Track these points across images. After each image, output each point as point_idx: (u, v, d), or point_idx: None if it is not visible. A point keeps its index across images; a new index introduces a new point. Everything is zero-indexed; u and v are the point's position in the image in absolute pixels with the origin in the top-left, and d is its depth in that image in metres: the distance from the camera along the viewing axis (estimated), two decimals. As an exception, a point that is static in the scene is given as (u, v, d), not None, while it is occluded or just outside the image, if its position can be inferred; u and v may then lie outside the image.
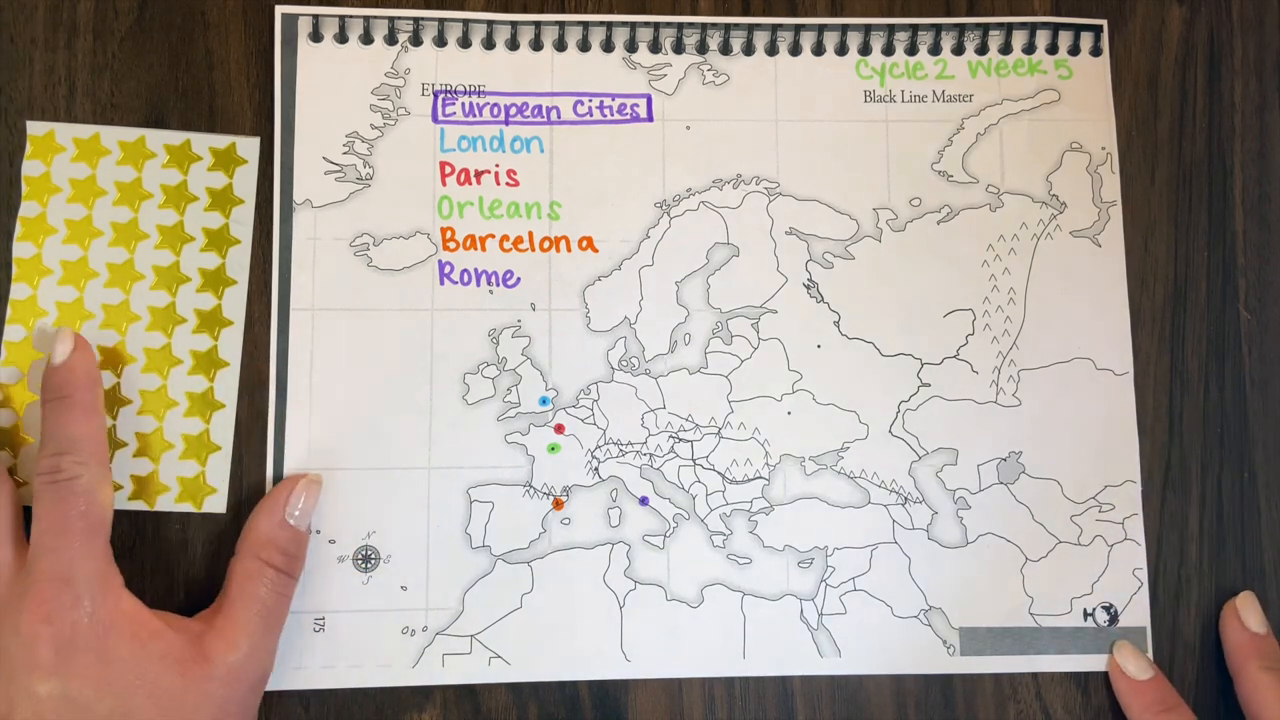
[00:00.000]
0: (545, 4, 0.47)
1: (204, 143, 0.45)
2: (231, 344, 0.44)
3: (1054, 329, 0.46)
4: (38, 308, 0.44)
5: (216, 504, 0.44)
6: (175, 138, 0.45)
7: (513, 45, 0.46)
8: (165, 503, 0.44)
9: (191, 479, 0.44)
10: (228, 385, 0.44)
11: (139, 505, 0.43)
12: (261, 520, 0.42)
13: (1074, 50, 0.48)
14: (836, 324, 0.46)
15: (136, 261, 0.44)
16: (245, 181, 0.45)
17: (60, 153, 0.45)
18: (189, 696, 0.38)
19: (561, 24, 0.46)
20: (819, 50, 0.47)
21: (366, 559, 0.44)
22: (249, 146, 0.45)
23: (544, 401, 0.45)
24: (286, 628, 0.42)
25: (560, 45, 0.46)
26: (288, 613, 0.42)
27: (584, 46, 0.47)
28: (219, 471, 0.44)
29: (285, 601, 0.41)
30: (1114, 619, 0.45)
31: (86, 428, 0.40)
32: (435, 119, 0.46)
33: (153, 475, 0.44)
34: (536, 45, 0.46)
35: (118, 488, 0.43)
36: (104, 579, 0.38)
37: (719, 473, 0.45)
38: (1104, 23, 0.48)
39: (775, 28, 0.47)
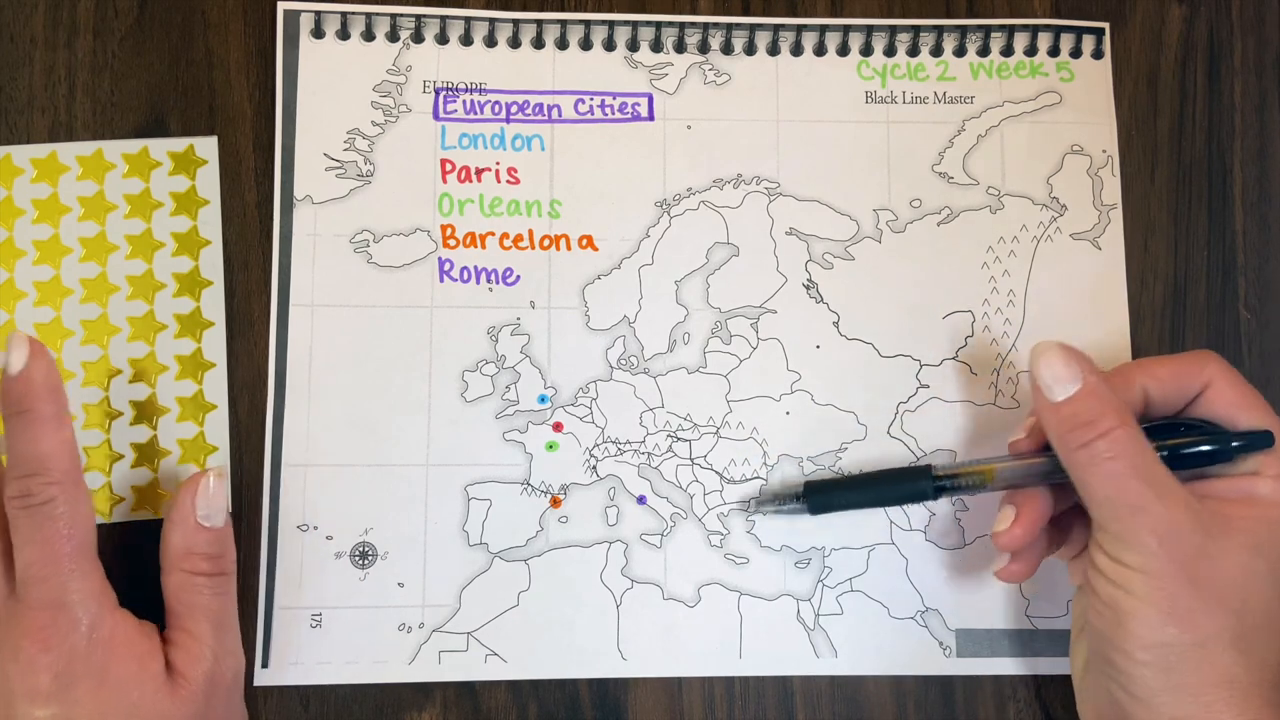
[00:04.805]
0: (547, 3, 0.47)
1: (161, 148, 0.45)
2: (215, 344, 0.44)
3: (1053, 332, 0.46)
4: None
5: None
6: (132, 146, 0.45)
7: (514, 43, 0.46)
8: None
9: (192, 482, 0.44)
10: (217, 386, 0.44)
11: (145, 515, 0.43)
12: (174, 533, 0.40)
13: (1075, 53, 0.48)
14: (836, 324, 0.46)
15: (110, 274, 0.44)
16: (208, 182, 0.45)
17: (19, 175, 0.44)
18: (178, 712, 0.38)
19: (563, 23, 0.46)
20: (820, 51, 0.47)
21: (363, 555, 0.44)
22: (207, 146, 0.45)
23: (542, 400, 0.45)
24: (284, 623, 0.43)
25: (562, 44, 0.47)
26: (236, 606, 0.41)
27: (586, 45, 0.47)
28: (219, 472, 0.44)
29: (229, 599, 0.41)
30: (1113, 622, 0.45)
31: (53, 443, 0.37)
32: (436, 116, 0.46)
33: (153, 484, 0.43)
34: (538, 43, 0.46)
35: (119, 500, 0.43)
36: (100, 599, 0.37)
37: (717, 472, 0.45)
38: (1106, 26, 0.48)
39: (777, 28, 0.47)
